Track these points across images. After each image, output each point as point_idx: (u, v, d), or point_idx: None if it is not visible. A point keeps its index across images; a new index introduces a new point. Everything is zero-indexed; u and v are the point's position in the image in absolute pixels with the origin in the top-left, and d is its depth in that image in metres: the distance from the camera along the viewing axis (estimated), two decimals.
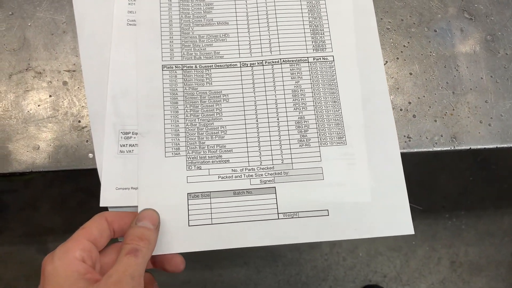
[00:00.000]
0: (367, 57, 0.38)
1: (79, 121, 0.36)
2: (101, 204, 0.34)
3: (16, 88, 0.36)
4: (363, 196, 0.35)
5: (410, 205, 0.35)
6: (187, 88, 0.37)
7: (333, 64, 0.38)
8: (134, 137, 0.35)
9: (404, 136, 0.36)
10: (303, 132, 0.36)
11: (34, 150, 0.35)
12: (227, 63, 0.38)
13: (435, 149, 0.36)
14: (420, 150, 0.36)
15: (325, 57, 0.38)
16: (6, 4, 0.38)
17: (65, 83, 0.36)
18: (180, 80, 0.37)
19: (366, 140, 0.36)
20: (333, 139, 0.36)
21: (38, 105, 0.36)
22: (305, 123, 0.36)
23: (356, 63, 0.37)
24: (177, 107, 0.36)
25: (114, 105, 0.36)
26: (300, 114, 0.36)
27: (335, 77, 0.37)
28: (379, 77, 0.37)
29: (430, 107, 0.37)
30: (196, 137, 0.36)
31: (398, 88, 0.37)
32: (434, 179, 1.12)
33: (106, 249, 0.31)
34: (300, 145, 0.36)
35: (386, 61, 0.38)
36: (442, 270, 1.07)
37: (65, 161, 0.35)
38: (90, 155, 0.35)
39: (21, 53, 0.37)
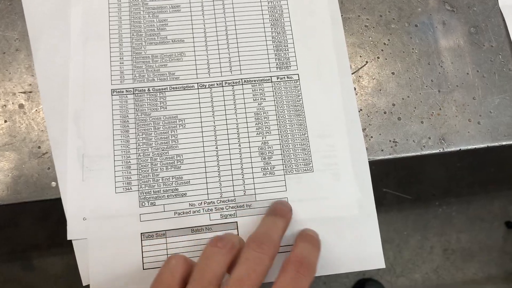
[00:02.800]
0: (334, 74, 0.35)
1: (39, 147, 0.33)
2: (69, 237, 0.31)
3: None
4: (333, 232, 0.32)
5: (399, 195, 0.33)
6: (139, 114, 0.33)
7: (298, 83, 0.35)
8: (95, 161, 0.32)
9: (390, 141, 0.34)
10: (266, 159, 0.33)
11: None
12: (183, 85, 0.34)
13: (423, 152, 0.34)
14: (407, 154, 0.34)
15: (290, 76, 0.35)
16: None
17: (21, 106, 0.33)
18: (132, 106, 0.34)
19: (334, 167, 0.33)
20: (299, 166, 0.33)
21: None
22: (269, 149, 0.33)
23: (322, 82, 0.35)
24: (128, 136, 0.33)
25: (76, 127, 0.33)
26: (264, 139, 0.33)
27: (300, 97, 0.34)
28: (348, 95, 0.34)
29: (415, 108, 0.35)
30: (150, 169, 0.33)
31: (380, 90, 0.35)
32: (422, 167, 1.11)
33: None
34: (263, 174, 0.33)
35: (366, 62, 0.36)
36: (435, 259, 1.06)
37: (25, 192, 0.32)
38: (53, 183, 0.32)
39: None
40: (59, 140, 0.32)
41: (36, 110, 0.33)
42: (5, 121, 0.33)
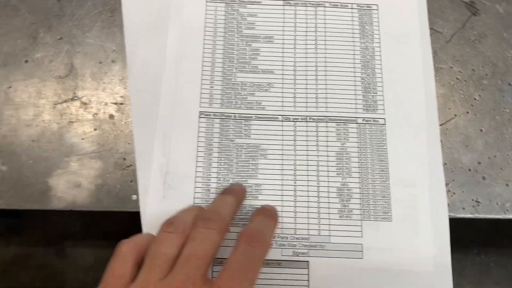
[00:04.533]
0: (422, 123, 0.34)
1: (124, 159, 0.34)
2: None
3: (60, 119, 0.34)
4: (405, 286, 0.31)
5: None
6: (224, 139, 0.34)
7: (384, 128, 0.34)
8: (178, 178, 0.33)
9: (473, 200, 0.33)
10: (344, 202, 0.33)
11: (75, 188, 0.33)
12: (269, 116, 0.34)
13: (506, 216, 0.33)
14: (489, 216, 0.33)
15: (376, 119, 0.34)
16: (55, 28, 0.36)
17: (111, 116, 0.34)
18: (217, 130, 0.34)
19: (414, 218, 0.32)
20: (378, 213, 0.32)
21: (82, 139, 0.34)
22: (348, 191, 0.33)
23: (408, 129, 0.34)
24: (211, 160, 0.33)
25: (162, 144, 0.33)
26: (343, 180, 0.33)
27: (385, 142, 0.34)
28: (434, 147, 0.34)
29: (502, 169, 0.34)
30: None
31: (467, 146, 0.34)
32: None
33: None
34: (340, 216, 0.32)
35: (455, 115, 0.35)
36: None
37: (107, 201, 0.33)
38: (134, 197, 0.33)
39: (68, 81, 0.35)
40: (144, 155, 0.33)
41: (125, 122, 0.34)
42: (95, 129, 0.34)
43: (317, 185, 0.33)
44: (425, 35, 0.36)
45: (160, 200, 0.32)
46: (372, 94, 0.35)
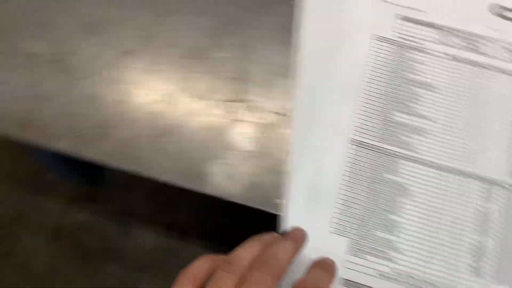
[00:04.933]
0: None
1: (277, 165, 0.36)
2: None
3: (226, 115, 0.38)
4: None
5: None
6: (371, 170, 0.36)
7: None
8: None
9: None
10: (477, 260, 0.34)
11: (229, 179, 0.36)
12: (419, 159, 0.36)
13: None
14: None
15: None
16: (238, 34, 0.40)
17: (273, 125, 0.38)
18: (367, 161, 0.36)
19: None
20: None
21: (243, 137, 0.37)
22: (482, 250, 0.34)
23: None
24: (356, 188, 0.36)
25: (311, 159, 0.36)
26: (480, 239, 0.34)
27: None
28: None
29: None
30: (366, 224, 0.35)
31: None
32: None
33: None
34: (470, 273, 0.34)
35: None
36: None
37: (255, 197, 0.36)
38: (277, 200, 0.36)
39: (239, 83, 0.39)
40: (296, 169, 0.36)
41: (285, 133, 0.37)
42: (256, 132, 0.37)
43: (454, 238, 0.34)
44: None
45: (301, 211, 0.35)
46: None
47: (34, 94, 0.38)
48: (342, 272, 0.34)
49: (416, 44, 0.39)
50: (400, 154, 0.36)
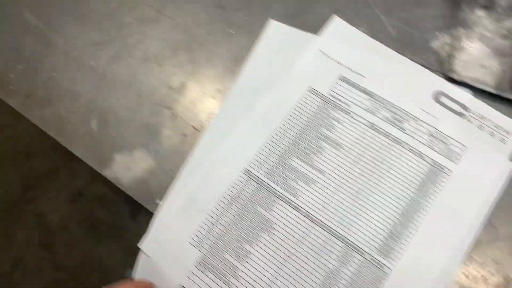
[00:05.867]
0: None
1: (171, 170, 0.41)
2: (139, 245, 0.38)
3: (153, 116, 0.43)
4: None
5: None
6: (248, 201, 0.38)
7: (385, 277, 0.35)
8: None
9: None
10: None
11: (127, 170, 0.41)
12: (296, 205, 0.37)
13: None
14: None
15: (381, 264, 0.35)
16: (196, 51, 0.45)
17: (185, 135, 0.42)
18: (249, 191, 0.38)
19: None
20: None
21: (160, 137, 0.42)
22: None
23: None
24: (228, 210, 0.38)
25: (205, 175, 0.40)
26: None
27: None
28: None
29: None
30: (221, 245, 0.37)
31: None
32: None
33: None
34: None
35: None
36: None
37: (141, 194, 0.40)
38: (158, 201, 0.39)
39: (173, 93, 0.43)
40: (185, 174, 0.40)
41: (192, 144, 0.41)
42: (172, 138, 0.41)
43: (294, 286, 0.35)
44: (476, 221, 0.36)
45: (172, 215, 0.39)
46: (393, 242, 0.36)
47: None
48: (183, 280, 0.36)
49: (344, 106, 0.41)
50: (279, 194, 0.38)
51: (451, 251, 0.35)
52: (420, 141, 0.39)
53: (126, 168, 0.41)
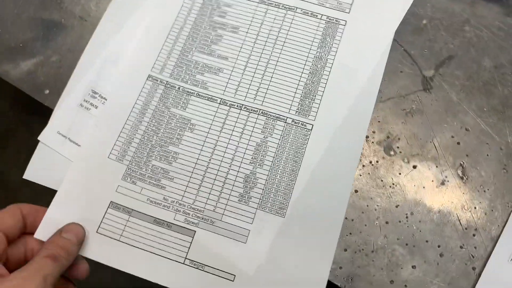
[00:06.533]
0: (346, 142, 0.35)
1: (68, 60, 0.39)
2: (39, 138, 0.37)
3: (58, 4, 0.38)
4: (280, 273, 0.32)
5: None
6: (161, 105, 0.37)
7: (308, 134, 0.36)
8: (99, 100, 0.37)
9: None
10: (247, 189, 0.35)
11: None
12: (209, 96, 0.37)
13: None
14: None
15: (304, 124, 0.36)
16: None
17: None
18: (158, 95, 0.37)
19: (306, 222, 0.33)
20: (274, 207, 0.34)
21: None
22: (254, 180, 0.35)
23: (331, 142, 0.35)
24: (142, 119, 0.37)
25: (101, 65, 0.38)
26: (254, 169, 0.35)
27: (305, 146, 0.35)
28: (349, 166, 0.35)
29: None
30: (146, 153, 0.36)
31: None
32: None
33: (15, 242, 0.32)
34: (239, 200, 0.34)
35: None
36: None
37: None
38: (47, 91, 0.38)
39: None
40: (84, 65, 0.39)
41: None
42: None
43: (228, 167, 0.35)
44: (379, 65, 0.38)
45: (75, 105, 0.38)
46: (309, 100, 0.37)
47: None
48: (112, 197, 0.35)
49: None
50: (190, 90, 0.38)
51: (360, 90, 0.37)
52: (311, 2, 0.40)
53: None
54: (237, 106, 0.37)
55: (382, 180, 0.36)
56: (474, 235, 0.34)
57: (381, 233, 0.34)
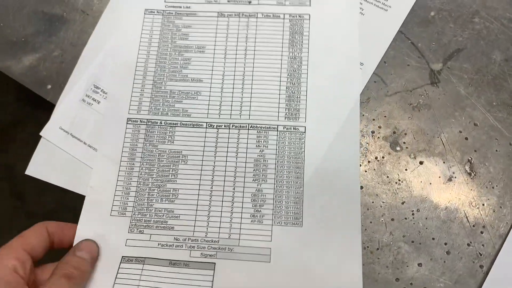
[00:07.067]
0: (342, 135, 0.35)
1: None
2: (41, 133, 0.36)
3: None
4: (312, 283, 0.31)
5: None
6: (148, 144, 0.36)
7: (303, 136, 0.35)
8: (101, 95, 0.37)
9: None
10: (257, 207, 0.34)
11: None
12: (193, 123, 0.36)
13: None
14: None
15: (296, 128, 0.35)
16: None
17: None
18: (142, 136, 0.36)
19: (325, 225, 0.33)
20: (289, 219, 0.33)
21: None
22: (262, 197, 0.34)
23: (328, 140, 0.35)
24: (133, 165, 0.35)
25: (103, 59, 0.38)
26: (259, 186, 0.34)
27: (303, 150, 0.35)
28: (352, 158, 0.34)
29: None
30: (146, 198, 0.34)
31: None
32: None
33: (44, 266, 0.31)
34: (252, 221, 0.33)
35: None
36: None
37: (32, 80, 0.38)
38: (49, 86, 0.38)
39: None
40: (87, 58, 0.39)
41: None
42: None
43: (233, 190, 0.34)
44: (353, 48, 0.37)
45: (78, 100, 0.37)
46: (296, 103, 0.36)
47: None
48: (123, 252, 0.33)
49: (184, 10, 0.39)
50: (173, 122, 0.36)
51: (347, 82, 0.36)
52: (269, 4, 0.39)
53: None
54: (225, 126, 0.36)
55: (388, 176, 0.35)
56: (482, 232, 0.33)
57: (386, 230, 0.34)
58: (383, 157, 0.36)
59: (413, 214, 0.34)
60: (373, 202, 0.34)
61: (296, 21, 0.38)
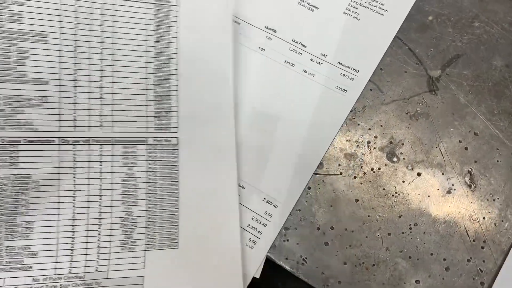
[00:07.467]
0: (219, 146, 0.31)
1: None
2: None
3: None
4: None
5: None
6: None
7: (176, 149, 0.31)
8: None
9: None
10: (128, 233, 0.30)
11: None
12: (42, 138, 0.29)
13: None
14: None
15: (168, 139, 0.31)
16: None
17: None
18: None
19: (203, 243, 0.31)
20: (163, 242, 0.30)
21: None
22: (133, 221, 0.30)
23: (204, 150, 0.31)
24: None
25: None
26: (129, 210, 0.30)
27: (177, 165, 0.31)
28: (228, 170, 0.31)
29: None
30: None
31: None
32: None
33: None
34: (122, 249, 0.30)
35: None
36: None
37: None
38: None
39: None
40: None
41: None
42: None
43: (99, 217, 0.30)
44: (227, 38, 0.33)
45: None
46: (166, 110, 0.31)
47: None
48: None
49: None
50: (15, 139, 0.29)
51: (219, 82, 0.32)
52: None
53: None
54: (83, 141, 0.30)
55: (384, 189, 0.34)
56: (482, 247, 0.32)
57: (383, 245, 0.32)
58: (379, 169, 0.34)
59: (410, 228, 0.33)
60: (368, 216, 0.33)
61: (162, 7, 0.32)
